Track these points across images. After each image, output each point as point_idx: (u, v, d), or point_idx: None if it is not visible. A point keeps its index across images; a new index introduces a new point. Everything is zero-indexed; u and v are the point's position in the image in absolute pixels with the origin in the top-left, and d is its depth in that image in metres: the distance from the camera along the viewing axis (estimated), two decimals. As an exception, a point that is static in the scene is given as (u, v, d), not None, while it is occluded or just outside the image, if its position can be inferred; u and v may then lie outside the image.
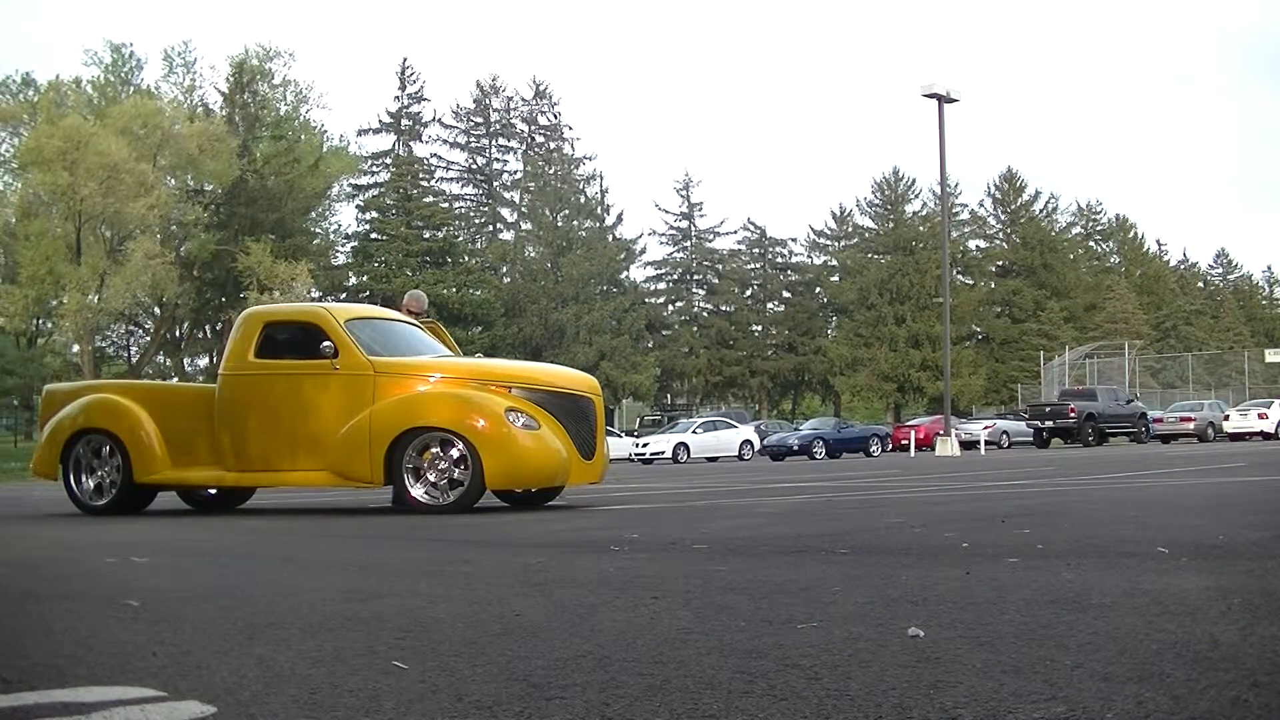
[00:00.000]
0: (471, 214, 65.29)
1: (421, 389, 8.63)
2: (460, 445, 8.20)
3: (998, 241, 68.82)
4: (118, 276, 40.01)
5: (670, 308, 67.78)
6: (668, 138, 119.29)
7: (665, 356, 62.00)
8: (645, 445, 37.53)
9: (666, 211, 66.92)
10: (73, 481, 9.35)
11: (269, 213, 45.29)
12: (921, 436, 38.01)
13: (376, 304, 53.21)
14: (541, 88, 66.16)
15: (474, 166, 65.85)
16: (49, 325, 48.80)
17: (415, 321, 10.20)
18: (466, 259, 56.48)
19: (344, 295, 53.82)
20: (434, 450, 8.30)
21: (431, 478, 8.31)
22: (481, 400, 8.41)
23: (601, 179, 64.67)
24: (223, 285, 44.38)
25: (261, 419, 8.92)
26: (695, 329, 65.25)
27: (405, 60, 74.45)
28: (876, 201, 67.28)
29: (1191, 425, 37.70)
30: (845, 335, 62.65)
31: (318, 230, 54.63)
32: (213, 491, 9.98)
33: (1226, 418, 38.44)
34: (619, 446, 41.19)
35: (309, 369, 8.80)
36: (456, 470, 8.25)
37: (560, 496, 9.50)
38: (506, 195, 66.08)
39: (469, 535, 6.60)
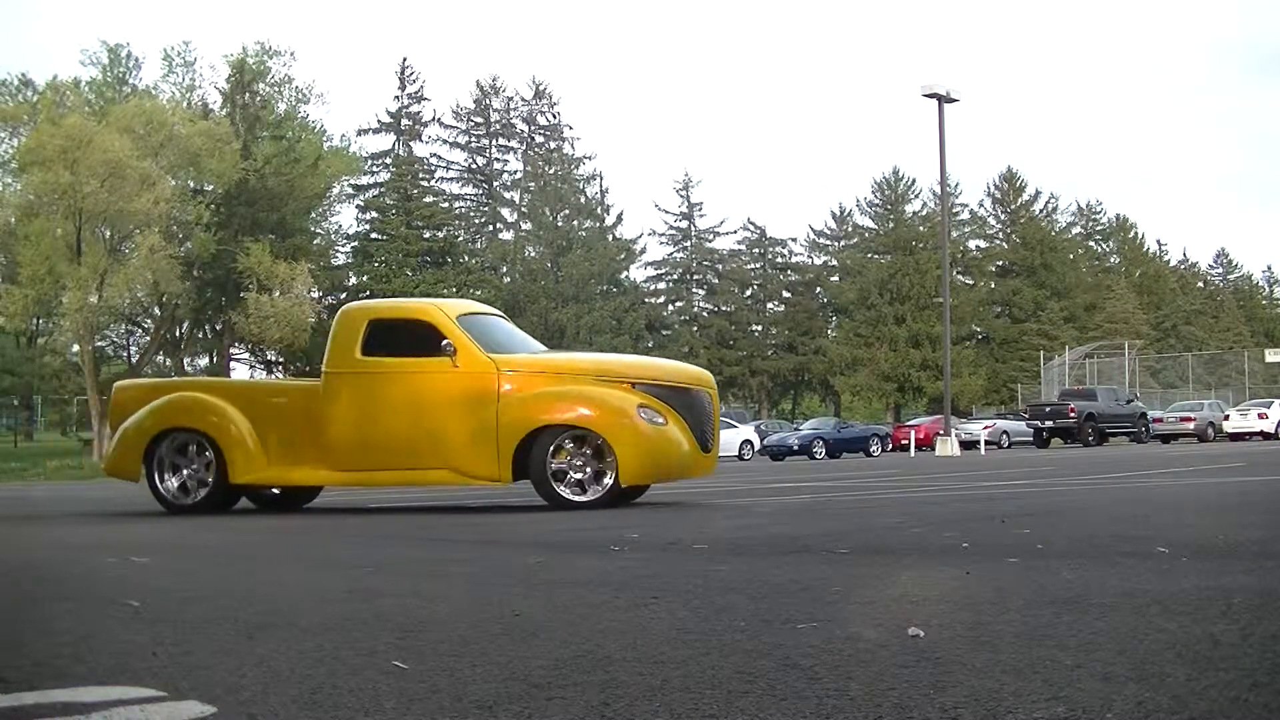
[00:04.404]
0: (471, 214, 65.23)
1: (548, 386, 8.61)
2: (596, 442, 8.29)
3: (998, 241, 68.79)
4: (119, 274, 40.00)
5: (670, 308, 67.74)
6: (668, 138, 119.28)
7: (665, 356, 61.96)
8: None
9: (666, 211, 66.91)
10: (157, 481, 9.05)
11: (269, 213, 45.27)
12: (921, 436, 37.98)
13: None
14: (541, 88, 66.15)
15: (474, 166, 65.80)
16: (49, 326, 48.79)
17: (503, 314, 10.03)
18: (466, 259, 56.47)
19: (344, 295, 53.81)
20: (568, 447, 8.36)
21: (574, 475, 8.36)
22: (615, 397, 8.46)
23: (601, 179, 64.52)
24: (223, 285, 44.36)
25: (375, 417, 8.79)
26: (695, 329, 65.23)
27: (405, 60, 74.33)
28: (876, 201, 67.26)
29: (1191, 425, 37.69)
30: (845, 335, 62.63)
31: (318, 230, 54.59)
32: (276, 491, 9.73)
33: (1226, 418, 38.43)
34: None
35: (427, 367, 8.72)
36: (592, 466, 8.34)
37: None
38: (506, 195, 66.04)
39: (469, 535, 6.60)
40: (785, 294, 67.97)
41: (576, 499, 8.29)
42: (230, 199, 44.67)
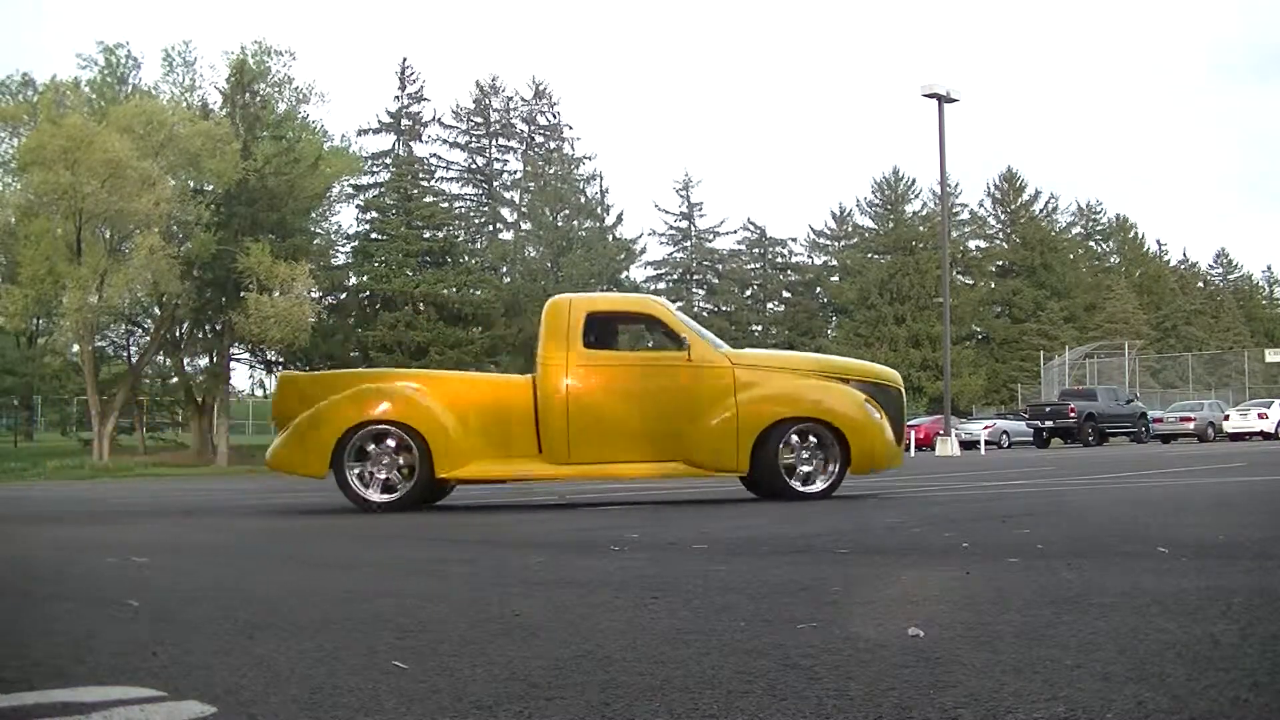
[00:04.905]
0: (471, 214, 65.19)
1: (781, 381, 8.92)
2: (825, 434, 8.70)
3: (998, 241, 68.82)
4: (119, 274, 40.02)
5: (670, 308, 67.74)
6: (668, 138, 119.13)
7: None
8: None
9: (666, 211, 66.90)
10: (349, 476, 8.54)
11: (269, 213, 45.20)
12: (921, 436, 37.93)
13: (377, 303, 52.73)
14: (541, 88, 66.13)
15: (474, 166, 65.79)
16: (49, 326, 48.78)
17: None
18: (466, 259, 56.40)
19: (344, 295, 53.78)
20: (794, 440, 8.69)
21: (802, 468, 8.70)
22: (847, 393, 8.92)
23: (601, 179, 64.46)
24: (223, 285, 44.33)
25: (605, 410, 8.75)
26: (695, 329, 65.17)
27: (405, 60, 74.37)
28: (876, 201, 67.29)
29: (1191, 425, 37.70)
30: (845, 335, 62.64)
31: (318, 230, 54.54)
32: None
33: (1226, 418, 38.44)
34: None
35: (662, 360, 8.88)
36: (817, 459, 8.75)
37: (561, 498, 9.50)
38: (506, 195, 66.02)
39: (469, 535, 6.60)
40: (785, 294, 67.96)
41: (806, 490, 8.63)
42: (230, 199, 44.62)
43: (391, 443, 8.58)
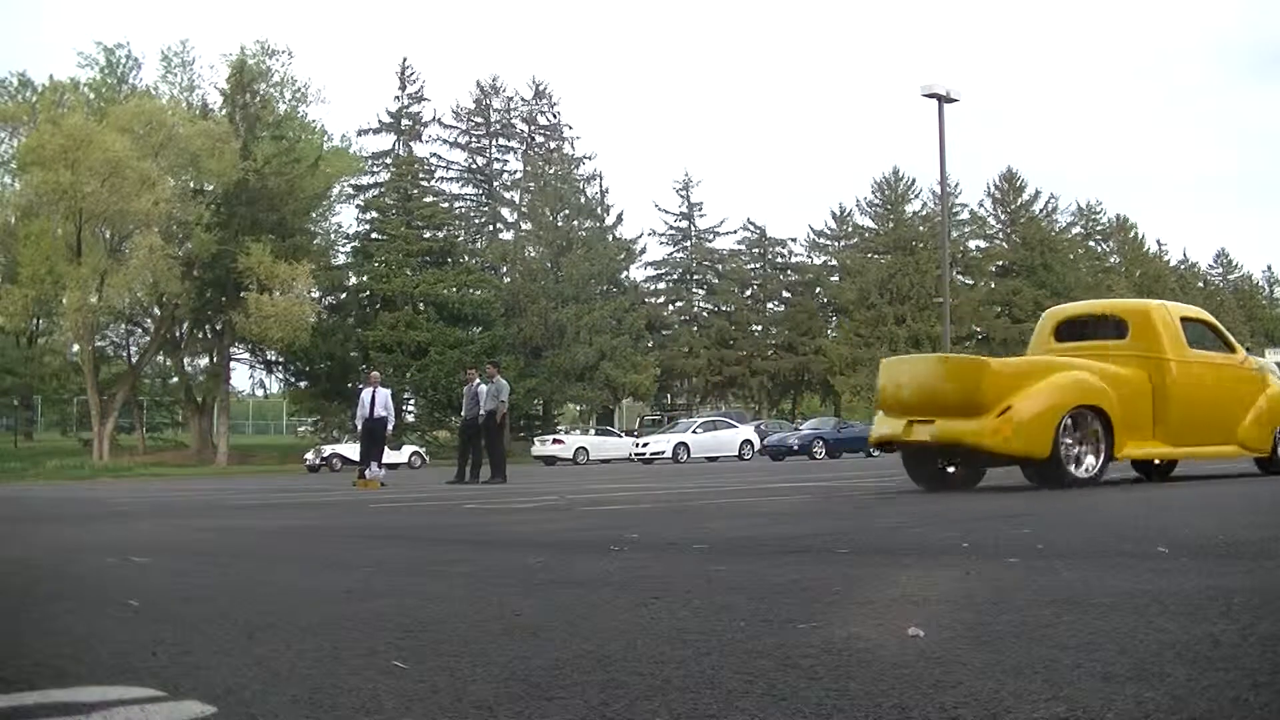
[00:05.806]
0: (471, 214, 65.13)
1: (1275, 381, 11.04)
2: None
3: (998, 241, 68.76)
4: (118, 274, 40.01)
5: (670, 308, 67.70)
6: (668, 138, 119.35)
7: (665, 356, 61.88)
8: (645, 445, 37.55)
9: (666, 211, 66.87)
10: (1061, 457, 9.37)
11: (269, 213, 45.19)
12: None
13: (377, 303, 52.63)
14: (541, 88, 66.02)
15: (474, 166, 65.68)
16: (49, 326, 48.77)
17: None
18: (466, 259, 56.40)
19: (344, 295, 53.76)
20: None
21: None
22: None
23: (601, 179, 64.32)
24: (223, 285, 44.32)
25: (1202, 400, 10.33)
26: (695, 329, 65.22)
27: (405, 60, 74.28)
28: (876, 201, 67.23)
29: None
30: (845, 335, 62.63)
31: (318, 230, 54.53)
32: (950, 469, 10.20)
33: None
34: (619, 446, 41.16)
35: (1230, 361, 10.72)
36: None
37: (561, 498, 9.49)
38: (506, 195, 65.94)
39: (469, 535, 6.60)
40: (785, 294, 67.94)
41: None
42: (230, 199, 44.61)
43: (1075, 426, 9.53)
